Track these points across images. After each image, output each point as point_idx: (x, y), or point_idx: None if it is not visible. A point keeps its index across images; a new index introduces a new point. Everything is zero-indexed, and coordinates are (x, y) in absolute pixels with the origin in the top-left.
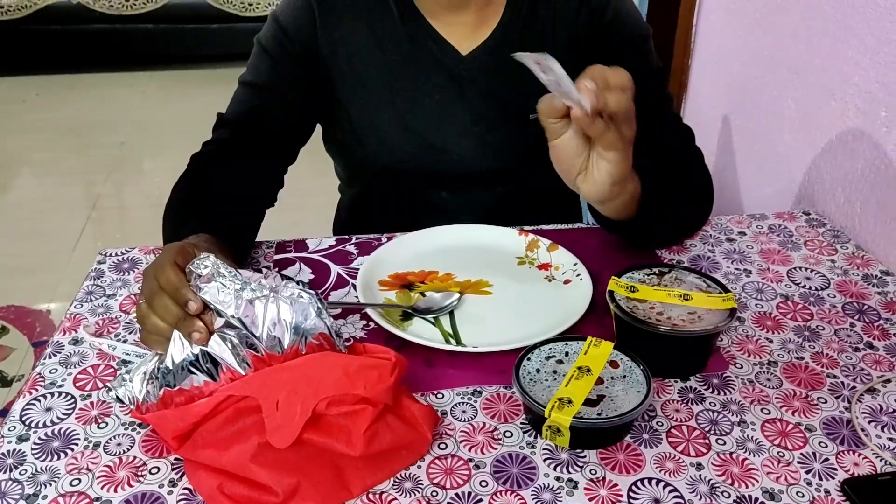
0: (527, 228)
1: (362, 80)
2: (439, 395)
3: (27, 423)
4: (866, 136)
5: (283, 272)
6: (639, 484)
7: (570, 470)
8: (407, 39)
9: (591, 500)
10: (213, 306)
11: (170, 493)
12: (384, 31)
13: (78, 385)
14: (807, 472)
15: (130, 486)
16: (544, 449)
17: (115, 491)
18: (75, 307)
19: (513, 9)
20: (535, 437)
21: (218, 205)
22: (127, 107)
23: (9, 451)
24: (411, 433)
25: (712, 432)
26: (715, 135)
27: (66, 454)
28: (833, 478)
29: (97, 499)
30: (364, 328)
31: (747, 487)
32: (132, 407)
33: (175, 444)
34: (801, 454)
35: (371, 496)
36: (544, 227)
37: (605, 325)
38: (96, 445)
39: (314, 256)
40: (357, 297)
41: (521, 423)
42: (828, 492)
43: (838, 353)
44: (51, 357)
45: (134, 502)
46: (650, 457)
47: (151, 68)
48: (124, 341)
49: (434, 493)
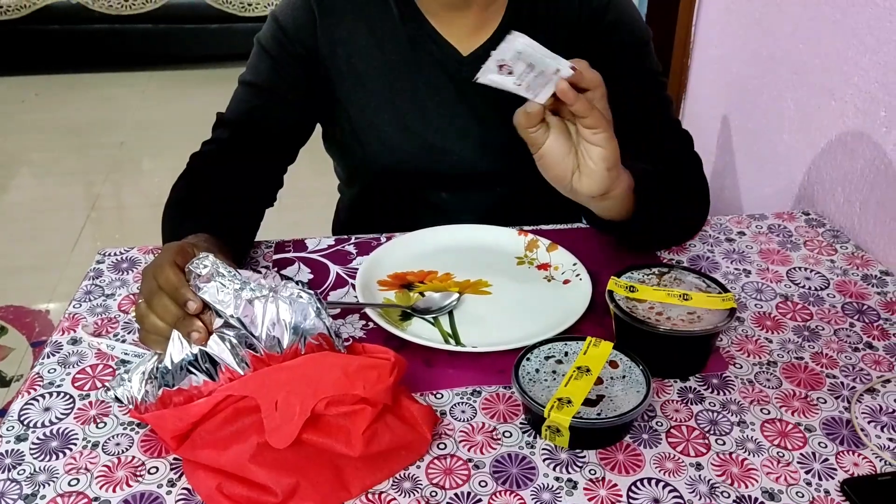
0: (526, 228)
1: (362, 80)
2: (438, 395)
3: (25, 422)
4: (866, 136)
5: (282, 272)
6: (638, 484)
7: (570, 470)
8: (407, 40)
9: (590, 500)
10: (212, 306)
11: (168, 493)
12: (384, 32)
13: (76, 385)
14: (806, 473)
15: (129, 486)
16: (544, 449)
17: (114, 491)
18: (74, 307)
19: (514, 9)
20: (535, 438)
21: (217, 204)
22: (126, 107)
23: (7, 451)
24: (410, 433)
25: (712, 432)
26: (715, 135)
27: (65, 454)
28: (833, 478)
29: (96, 499)
30: (363, 328)
31: (747, 487)
32: (131, 407)
33: (174, 444)
34: (801, 454)
35: (370, 496)
36: (544, 227)
37: (605, 325)
38: (95, 445)
39: (313, 256)
40: (356, 296)
41: (521, 424)
42: (827, 492)
43: (838, 354)
44: (49, 357)
45: (133, 502)
46: (650, 457)
47: (151, 68)
48: (123, 341)
49: (433, 494)
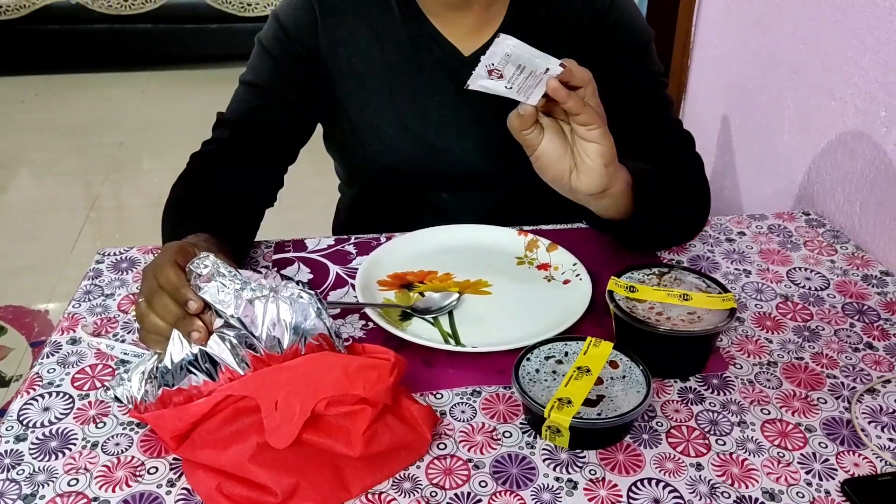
0: (526, 228)
1: (363, 80)
2: (438, 396)
3: (25, 422)
4: (866, 136)
5: (282, 272)
6: (638, 484)
7: (570, 470)
8: (408, 40)
9: (590, 500)
10: (212, 306)
11: (168, 493)
12: (385, 32)
13: (76, 385)
14: (807, 473)
15: (129, 486)
16: (544, 449)
17: (114, 491)
18: (73, 307)
19: (515, 9)
20: (535, 438)
21: (217, 204)
22: (126, 107)
23: (6, 451)
24: (410, 433)
25: (712, 433)
26: (715, 135)
27: (64, 454)
28: (833, 478)
29: (95, 499)
30: (363, 328)
31: (747, 488)
32: (130, 406)
33: (173, 444)
34: (801, 454)
35: (370, 496)
36: (544, 227)
37: (605, 325)
38: (94, 445)
39: (313, 256)
40: (356, 296)
41: (521, 424)
42: (828, 492)
43: (838, 354)
44: (49, 357)
45: (132, 502)
46: (650, 457)
47: (150, 68)
48: (122, 341)
49: (433, 494)
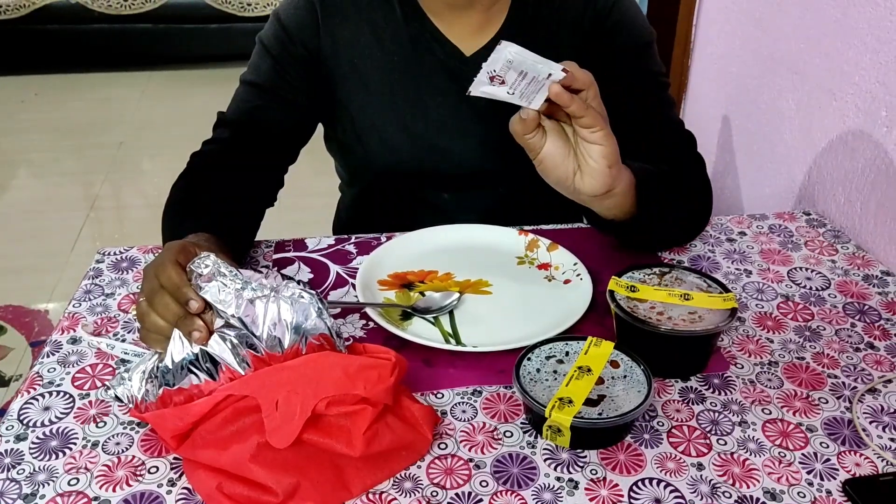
0: (526, 228)
1: (364, 80)
2: (439, 395)
3: (25, 422)
4: (866, 135)
5: (283, 272)
6: (639, 484)
7: (571, 470)
8: (409, 40)
9: (591, 500)
10: (213, 306)
11: (168, 492)
12: (387, 32)
13: (76, 384)
14: (808, 473)
15: (129, 485)
16: (545, 449)
17: (114, 490)
18: (73, 306)
19: (517, 9)
20: (536, 437)
21: (218, 204)
22: (125, 107)
23: (6, 451)
24: (411, 433)
25: (713, 432)
26: (715, 135)
27: (65, 453)
28: (834, 478)
29: (95, 498)
30: (363, 328)
31: (748, 488)
32: (131, 406)
33: (174, 444)
34: (803, 454)
35: (371, 496)
36: (544, 227)
37: (606, 324)
38: (95, 445)
39: (313, 256)
40: (356, 296)
41: (522, 423)
42: (829, 492)
43: (839, 354)
44: (49, 356)
45: (132, 502)
46: (651, 457)
47: (150, 68)
48: (123, 340)
49: (434, 493)
